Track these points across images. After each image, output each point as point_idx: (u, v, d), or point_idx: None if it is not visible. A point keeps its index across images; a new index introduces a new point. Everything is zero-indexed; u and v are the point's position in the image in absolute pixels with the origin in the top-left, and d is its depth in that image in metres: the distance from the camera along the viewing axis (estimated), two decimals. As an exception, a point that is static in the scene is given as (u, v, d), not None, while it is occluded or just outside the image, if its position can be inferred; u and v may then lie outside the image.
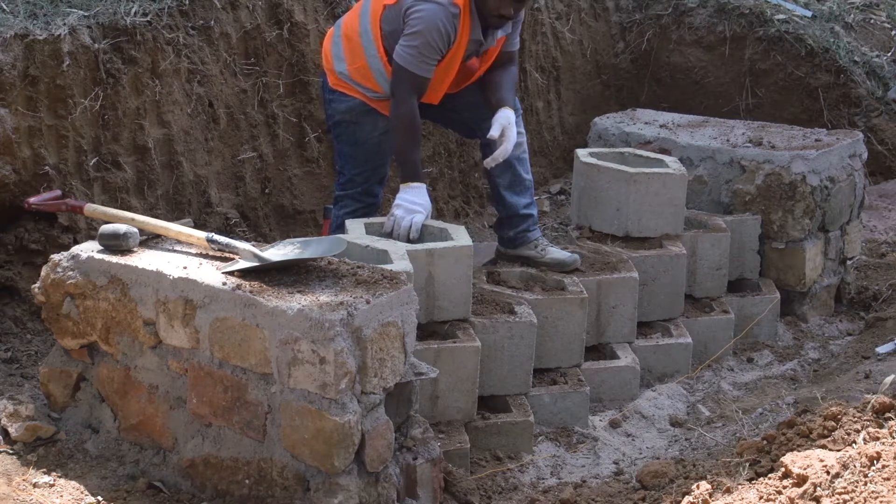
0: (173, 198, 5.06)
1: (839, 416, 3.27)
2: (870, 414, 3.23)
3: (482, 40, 4.52)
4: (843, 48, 7.23)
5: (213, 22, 5.19)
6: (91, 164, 4.73)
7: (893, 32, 7.78)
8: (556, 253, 4.76)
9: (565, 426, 4.51)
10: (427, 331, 4.13)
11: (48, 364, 3.71)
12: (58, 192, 4.24)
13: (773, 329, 5.37)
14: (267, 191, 5.49)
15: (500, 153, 4.53)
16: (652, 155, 5.35)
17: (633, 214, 5.05)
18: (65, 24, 4.60)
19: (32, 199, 4.03)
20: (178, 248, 3.58)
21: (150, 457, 3.51)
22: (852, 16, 7.64)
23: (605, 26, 7.36)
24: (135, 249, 3.54)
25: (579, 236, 5.19)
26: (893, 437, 2.99)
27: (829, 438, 3.19)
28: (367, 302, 3.19)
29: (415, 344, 3.43)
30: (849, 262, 5.73)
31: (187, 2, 5.09)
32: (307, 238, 3.66)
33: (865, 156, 5.75)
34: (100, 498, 3.35)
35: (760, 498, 2.90)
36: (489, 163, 4.59)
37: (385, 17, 4.47)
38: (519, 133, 4.66)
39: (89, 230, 4.55)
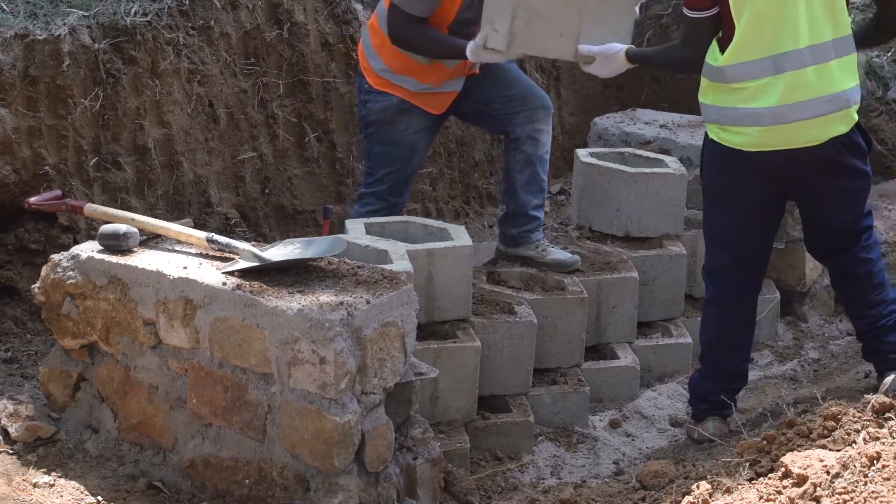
0: (173, 198, 5.06)
1: (839, 416, 3.27)
2: (870, 414, 3.23)
3: None
4: (843, 48, 7.21)
5: (213, 22, 5.19)
6: (91, 164, 4.73)
7: (893, 32, 7.77)
8: (557, 253, 4.76)
9: (565, 426, 4.51)
10: (427, 331, 4.13)
11: (48, 364, 3.71)
12: (58, 192, 4.25)
13: (773, 329, 5.36)
14: (267, 191, 5.49)
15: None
16: (652, 155, 5.35)
17: (633, 214, 5.05)
18: (65, 24, 4.60)
19: (32, 199, 4.03)
20: (178, 248, 3.57)
21: (150, 457, 3.51)
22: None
23: (605, 26, 7.35)
24: (135, 249, 3.54)
25: (579, 236, 5.19)
26: (893, 437, 2.99)
27: (829, 438, 3.19)
28: (367, 302, 3.19)
29: (415, 344, 3.43)
30: (849, 263, 5.72)
31: (187, 2, 5.09)
32: (307, 238, 3.66)
33: (865, 156, 5.74)
34: (100, 498, 3.35)
35: (760, 498, 2.90)
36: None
37: None
38: (546, 132, 4.68)
39: (89, 230, 4.55)
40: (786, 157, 4.00)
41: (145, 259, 3.47)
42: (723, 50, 3.97)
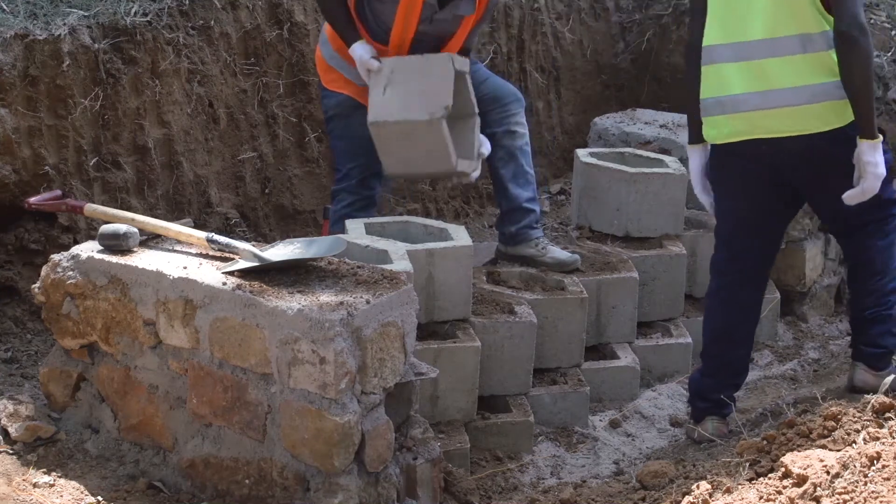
0: (173, 198, 5.06)
1: (839, 416, 3.27)
2: (870, 414, 3.23)
3: (435, 6, 4.49)
4: (843, 48, 7.20)
5: (213, 22, 5.19)
6: (91, 164, 4.73)
7: (893, 32, 7.77)
8: (557, 253, 4.76)
9: (565, 426, 4.51)
10: (427, 331, 4.13)
11: (48, 364, 3.70)
12: (58, 192, 4.24)
13: (773, 329, 5.36)
14: (267, 191, 5.49)
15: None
16: (652, 155, 5.35)
17: (633, 214, 5.05)
18: (65, 24, 4.60)
19: (32, 199, 4.03)
20: (178, 248, 3.58)
21: (150, 457, 3.51)
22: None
23: (605, 26, 7.36)
24: (135, 249, 3.54)
25: (579, 236, 5.19)
26: (893, 437, 2.99)
27: (829, 438, 3.19)
28: (367, 302, 3.19)
29: (415, 344, 3.43)
30: (849, 262, 5.73)
31: (187, 2, 5.09)
32: (307, 238, 3.66)
33: (865, 156, 5.74)
34: (100, 498, 3.35)
35: (760, 498, 2.90)
36: None
37: None
38: (521, 125, 4.70)
39: (89, 230, 4.55)
40: (772, 147, 4.00)
41: (145, 259, 3.47)
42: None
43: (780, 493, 2.87)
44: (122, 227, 3.55)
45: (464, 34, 4.61)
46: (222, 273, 3.35)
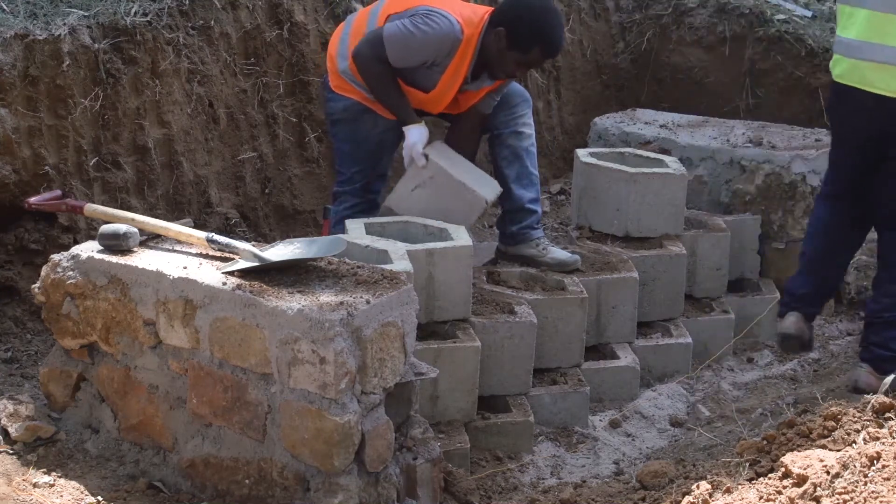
0: (173, 198, 5.06)
1: (839, 416, 3.27)
2: (870, 414, 3.23)
3: (469, 78, 4.60)
4: (843, 48, 7.20)
5: (213, 22, 5.19)
6: (91, 164, 4.73)
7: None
8: (557, 253, 4.76)
9: (565, 426, 4.51)
10: (427, 331, 4.13)
11: (48, 364, 3.71)
12: (58, 192, 4.24)
13: (773, 329, 5.36)
14: (267, 191, 5.49)
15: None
16: (652, 155, 5.35)
17: (633, 214, 5.06)
18: (65, 24, 4.60)
19: (32, 199, 4.03)
20: (178, 248, 3.58)
21: (150, 457, 3.51)
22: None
23: (605, 26, 7.36)
24: (135, 249, 3.54)
25: (579, 236, 5.20)
26: (893, 437, 2.99)
27: (829, 438, 3.19)
28: (367, 302, 3.19)
29: (415, 344, 3.43)
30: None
31: (187, 2, 5.09)
32: (307, 238, 3.66)
33: (865, 156, 5.73)
34: (100, 498, 3.35)
35: (760, 498, 2.90)
36: None
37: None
38: (528, 125, 4.72)
39: (89, 230, 4.55)
40: (875, 102, 4.14)
41: (145, 259, 3.47)
42: None
43: (780, 493, 2.87)
44: (122, 227, 3.55)
45: (477, 96, 4.70)
46: (222, 273, 3.34)
